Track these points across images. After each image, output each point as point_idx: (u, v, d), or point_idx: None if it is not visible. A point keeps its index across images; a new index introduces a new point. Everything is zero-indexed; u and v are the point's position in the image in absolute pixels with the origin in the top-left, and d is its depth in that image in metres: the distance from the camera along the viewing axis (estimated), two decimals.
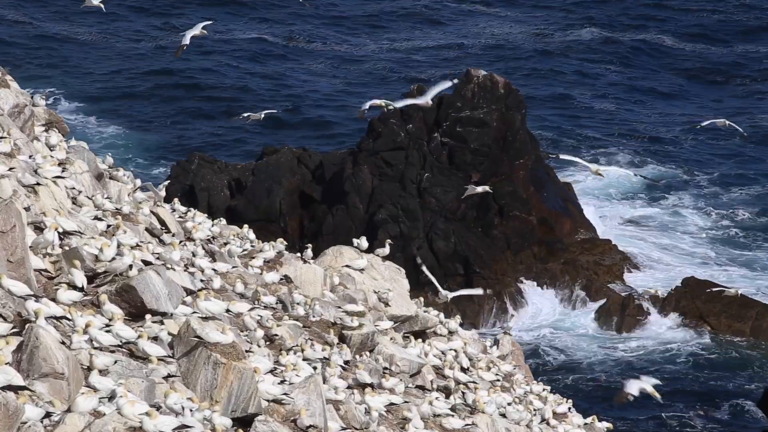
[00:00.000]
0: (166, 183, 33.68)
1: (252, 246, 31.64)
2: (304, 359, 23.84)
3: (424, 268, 38.79)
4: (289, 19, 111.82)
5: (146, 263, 22.74)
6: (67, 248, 22.22)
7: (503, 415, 28.87)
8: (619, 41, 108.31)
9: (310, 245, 34.41)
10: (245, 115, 46.51)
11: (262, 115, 45.54)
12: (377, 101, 34.37)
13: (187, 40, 31.95)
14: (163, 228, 29.10)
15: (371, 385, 25.22)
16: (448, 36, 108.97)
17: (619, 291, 66.97)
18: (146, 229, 27.36)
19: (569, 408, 34.13)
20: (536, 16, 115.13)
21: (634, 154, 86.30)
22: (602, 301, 66.02)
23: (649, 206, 79.38)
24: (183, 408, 17.84)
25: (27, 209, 22.93)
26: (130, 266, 21.90)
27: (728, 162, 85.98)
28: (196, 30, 32.61)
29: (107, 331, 19.67)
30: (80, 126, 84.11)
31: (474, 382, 30.09)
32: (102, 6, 33.85)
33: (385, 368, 27.17)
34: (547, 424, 31.42)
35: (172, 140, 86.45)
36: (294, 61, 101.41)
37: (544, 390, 34.40)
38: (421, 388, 28.39)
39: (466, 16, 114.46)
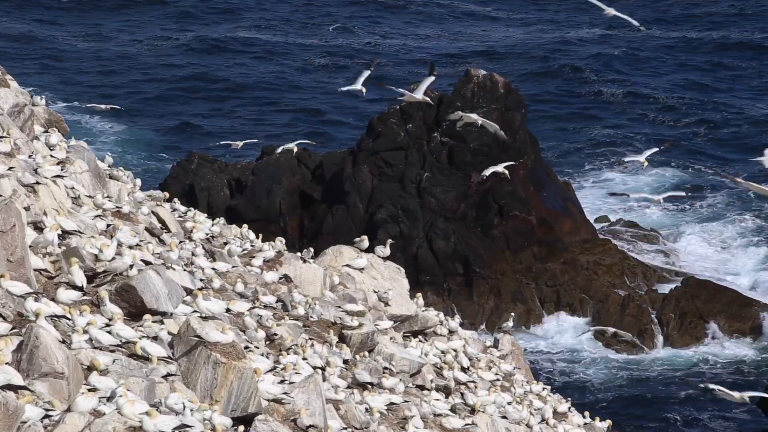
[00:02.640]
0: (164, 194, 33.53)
1: (252, 246, 31.65)
2: (303, 359, 23.84)
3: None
4: (289, 19, 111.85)
5: (146, 263, 22.75)
6: (66, 248, 22.23)
7: (503, 416, 28.88)
8: (622, 37, 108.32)
9: (310, 248, 34.37)
10: (229, 143, 49.36)
11: (240, 144, 48.36)
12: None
13: (358, 86, 35.72)
14: (163, 228, 29.11)
15: (371, 384, 25.22)
16: (447, 34, 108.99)
17: (619, 291, 66.95)
18: (146, 229, 27.36)
19: (569, 408, 34.13)
20: (536, 14, 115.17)
21: (637, 151, 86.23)
22: (602, 301, 66.01)
23: (650, 205, 79.34)
24: (183, 407, 17.84)
25: (27, 209, 22.92)
26: (131, 266, 21.90)
27: (734, 160, 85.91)
28: (359, 83, 37.24)
29: (107, 332, 19.67)
30: (80, 125, 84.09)
31: (474, 382, 30.10)
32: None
33: (385, 368, 27.17)
34: (547, 423, 31.42)
35: (172, 140, 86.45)
36: (293, 61, 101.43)
37: (544, 390, 34.41)
38: (421, 387, 28.40)
39: (466, 15, 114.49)
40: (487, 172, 43.15)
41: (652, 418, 56.70)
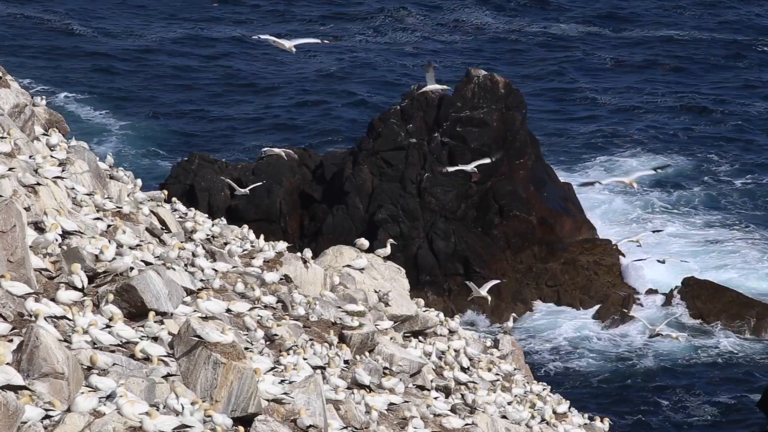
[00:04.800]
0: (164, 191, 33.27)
1: (252, 246, 31.64)
2: (303, 359, 23.85)
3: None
4: (289, 19, 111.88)
5: (146, 263, 22.77)
6: (66, 248, 22.25)
7: (503, 416, 28.88)
8: (620, 37, 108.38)
9: (309, 249, 34.28)
10: (265, 150, 46.71)
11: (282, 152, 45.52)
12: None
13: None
14: (164, 228, 29.11)
15: (369, 387, 25.22)
16: (448, 34, 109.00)
17: (619, 291, 66.97)
18: (146, 229, 27.38)
19: (569, 408, 34.12)
20: (535, 14, 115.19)
21: (635, 149, 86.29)
22: (602, 301, 66.06)
23: (651, 204, 79.33)
24: (183, 407, 17.85)
25: (27, 209, 22.94)
26: (131, 269, 21.93)
27: (734, 157, 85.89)
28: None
29: (108, 332, 19.70)
30: (79, 124, 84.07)
31: (474, 382, 30.10)
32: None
33: (385, 368, 27.18)
34: (547, 423, 31.41)
35: (172, 140, 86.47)
36: (294, 61, 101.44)
37: (543, 390, 34.40)
38: (421, 387, 28.40)
39: (465, 14, 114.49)
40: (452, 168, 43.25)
41: (652, 418, 56.69)
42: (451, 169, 43.39)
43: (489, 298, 42.04)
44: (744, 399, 58.27)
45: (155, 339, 20.34)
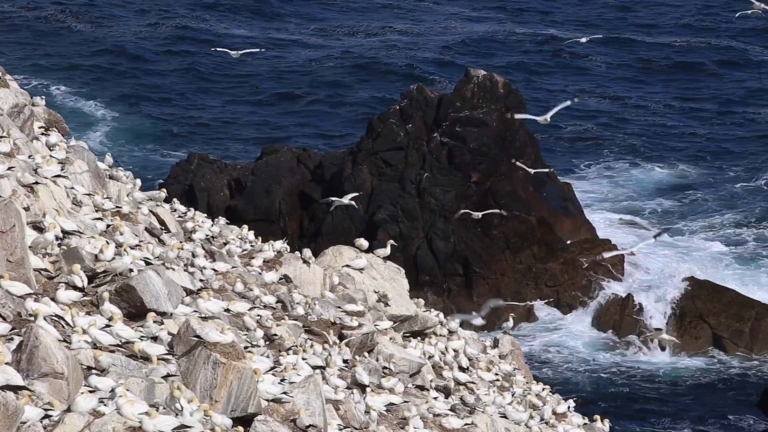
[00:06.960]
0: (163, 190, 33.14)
1: (251, 246, 31.64)
2: (302, 359, 23.84)
3: None
4: (288, 19, 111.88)
5: (146, 263, 22.76)
6: (66, 248, 22.24)
7: (503, 416, 28.89)
8: (620, 39, 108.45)
9: (308, 249, 34.27)
10: (331, 200, 44.40)
11: (347, 200, 43.47)
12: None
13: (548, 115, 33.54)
14: (163, 228, 29.10)
15: (368, 386, 25.21)
16: (448, 34, 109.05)
17: (618, 291, 66.98)
18: (146, 229, 27.36)
19: (569, 408, 34.13)
20: (536, 14, 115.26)
21: (634, 152, 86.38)
22: (602, 302, 66.05)
23: (651, 205, 79.35)
24: (183, 407, 17.83)
25: (26, 209, 22.92)
26: (131, 270, 21.92)
27: (734, 159, 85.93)
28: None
29: (107, 332, 19.69)
30: (78, 124, 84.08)
31: (473, 382, 30.11)
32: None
33: (385, 368, 27.18)
34: (547, 424, 31.42)
35: (171, 140, 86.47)
36: (293, 61, 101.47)
37: (543, 390, 34.41)
38: (421, 387, 28.40)
39: (465, 14, 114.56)
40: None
41: (652, 416, 56.71)
42: (519, 116, 41.65)
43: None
44: (744, 399, 58.28)
45: (155, 339, 20.33)
